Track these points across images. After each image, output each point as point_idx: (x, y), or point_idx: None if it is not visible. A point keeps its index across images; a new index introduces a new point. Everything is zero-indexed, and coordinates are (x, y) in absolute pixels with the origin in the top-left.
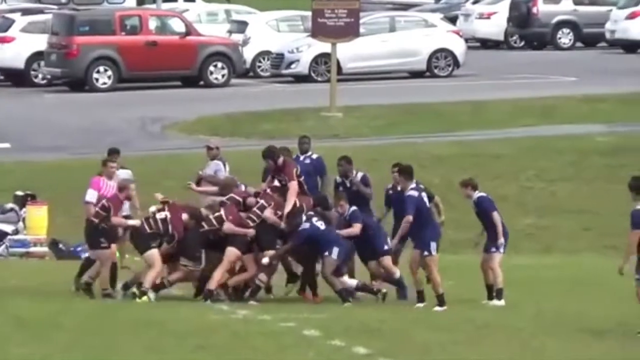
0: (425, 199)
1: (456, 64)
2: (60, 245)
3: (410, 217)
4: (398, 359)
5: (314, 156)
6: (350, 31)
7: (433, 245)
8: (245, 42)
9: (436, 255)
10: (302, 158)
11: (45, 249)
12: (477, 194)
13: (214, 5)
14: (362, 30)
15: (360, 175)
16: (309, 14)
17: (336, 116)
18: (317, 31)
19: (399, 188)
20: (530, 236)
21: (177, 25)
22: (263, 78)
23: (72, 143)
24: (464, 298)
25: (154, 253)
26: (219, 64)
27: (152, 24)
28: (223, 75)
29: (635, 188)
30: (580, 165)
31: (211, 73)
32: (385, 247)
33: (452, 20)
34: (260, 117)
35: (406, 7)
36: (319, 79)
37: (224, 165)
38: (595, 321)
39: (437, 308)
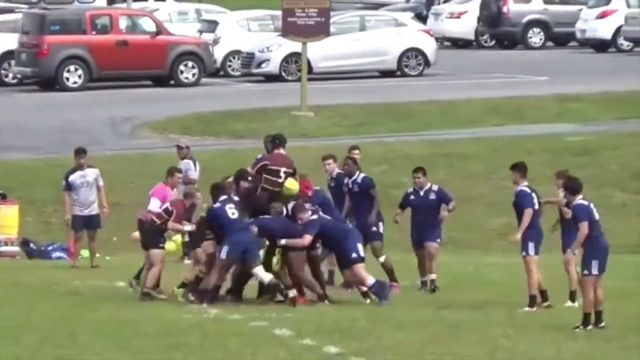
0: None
1: (426, 63)
2: (31, 245)
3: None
4: (369, 358)
5: None
6: (320, 30)
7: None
8: (215, 42)
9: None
10: None
11: (16, 248)
12: None
13: (185, 5)
14: (332, 29)
15: (361, 176)
16: (279, 13)
17: (307, 115)
18: (288, 30)
19: (421, 193)
20: (503, 236)
21: (148, 25)
22: (233, 77)
23: (42, 142)
24: (435, 298)
25: (198, 252)
26: (190, 64)
27: (123, 23)
28: (193, 75)
29: (569, 188)
30: (551, 165)
31: (182, 72)
32: (354, 255)
33: (420, 17)
34: (231, 117)
35: (376, 6)
36: (290, 78)
37: (194, 164)
38: (567, 321)
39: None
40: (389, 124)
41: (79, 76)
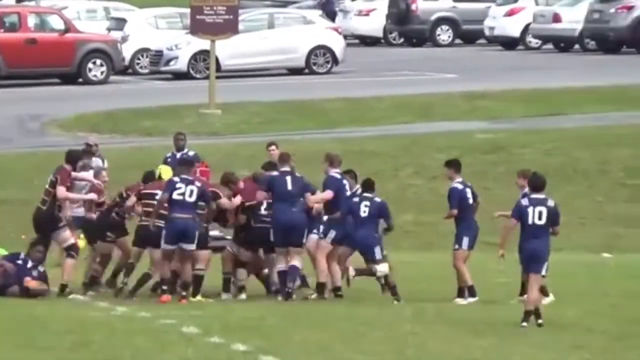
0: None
1: (335, 60)
2: None
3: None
4: (277, 356)
5: (190, 153)
6: (229, 28)
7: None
8: (124, 39)
9: None
10: (178, 155)
11: None
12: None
13: (93, 3)
14: (240, 27)
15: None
16: (187, 11)
17: (215, 113)
18: (196, 28)
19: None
20: (410, 233)
21: (56, 23)
22: (142, 75)
23: None
24: (345, 295)
25: None
26: (98, 61)
27: (31, 21)
28: (102, 73)
29: (530, 184)
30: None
31: (90, 70)
32: None
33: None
34: (140, 115)
35: (285, 3)
36: (198, 76)
37: (102, 162)
38: (475, 318)
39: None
40: (297, 121)
41: None
